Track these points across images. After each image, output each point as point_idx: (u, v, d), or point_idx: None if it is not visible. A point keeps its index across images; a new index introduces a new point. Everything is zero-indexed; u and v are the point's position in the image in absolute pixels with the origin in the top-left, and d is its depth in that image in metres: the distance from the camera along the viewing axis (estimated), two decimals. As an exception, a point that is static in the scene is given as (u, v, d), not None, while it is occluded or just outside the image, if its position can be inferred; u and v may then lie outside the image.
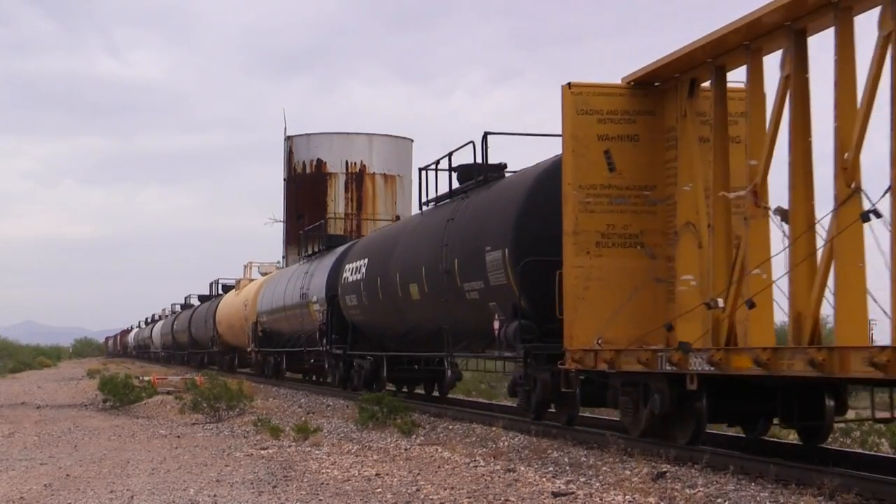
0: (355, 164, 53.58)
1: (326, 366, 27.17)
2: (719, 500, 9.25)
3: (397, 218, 48.62)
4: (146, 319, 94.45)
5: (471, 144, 18.81)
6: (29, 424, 19.65)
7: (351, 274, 24.54)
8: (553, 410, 15.36)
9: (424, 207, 21.66)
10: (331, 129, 55.41)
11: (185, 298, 65.77)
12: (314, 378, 34.31)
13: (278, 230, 57.12)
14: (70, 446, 15.45)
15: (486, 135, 18.42)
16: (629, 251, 13.49)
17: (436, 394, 24.18)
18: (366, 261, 23.54)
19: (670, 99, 13.44)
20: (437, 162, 20.98)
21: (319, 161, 53.95)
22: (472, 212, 17.80)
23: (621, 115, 13.56)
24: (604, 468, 11.36)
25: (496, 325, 15.98)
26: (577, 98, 13.47)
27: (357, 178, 53.40)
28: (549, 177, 15.21)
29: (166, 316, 74.00)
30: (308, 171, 54.21)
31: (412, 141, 57.15)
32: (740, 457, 11.19)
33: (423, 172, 21.42)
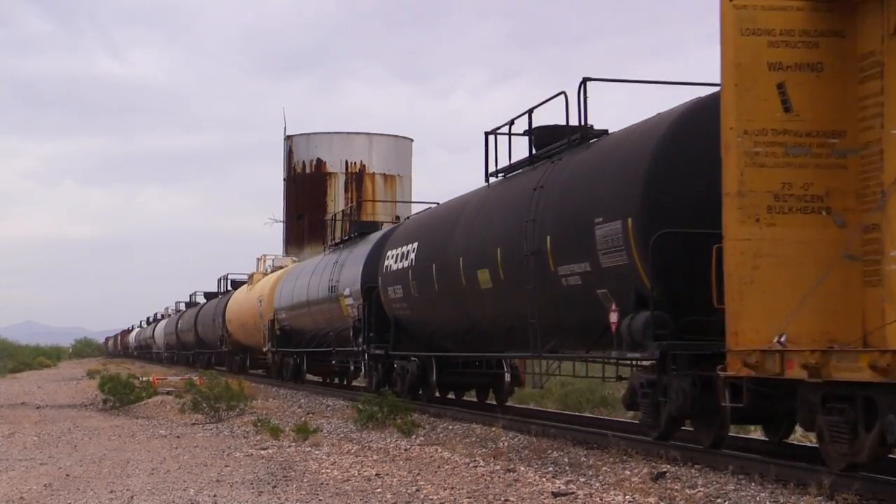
0: (355, 163, 53.64)
1: (362, 368, 23.87)
2: (719, 500, 9.25)
3: (397, 219, 48.59)
4: (147, 319, 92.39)
5: (562, 96, 15.19)
6: (29, 424, 19.65)
7: (395, 262, 21.00)
8: (690, 428, 12.51)
9: (493, 179, 18.02)
10: (331, 129, 55.52)
11: (191, 296, 62.71)
12: (341, 381, 32.07)
13: (278, 230, 57.21)
14: (70, 446, 15.45)
15: (584, 81, 14.65)
16: (811, 218, 10.35)
17: (492, 402, 21.22)
18: (415, 245, 20.07)
19: (869, 13, 10.21)
20: (512, 122, 17.20)
21: (319, 161, 54.00)
22: (571, 177, 14.26)
23: (800, 37, 10.49)
24: (604, 468, 11.36)
25: (613, 317, 12.63)
26: (741, 14, 10.43)
27: (357, 178, 53.45)
28: (690, 122, 12.15)
29: (169, 315, 71.11)
30: (308, 170, 54.27)
31: (412, 141, 57.22)
32: (740, 457, 11.17)
33: (492, 138, 17.82)
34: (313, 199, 53.36)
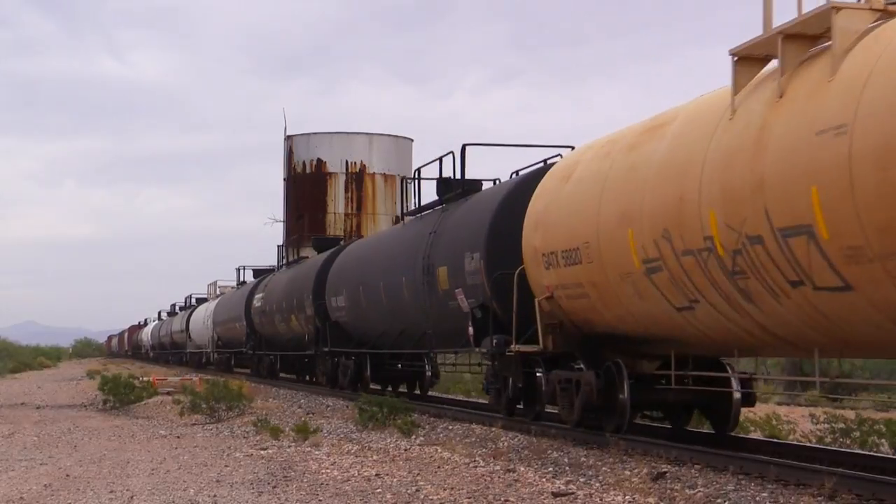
0: (355, 163, 53.59)
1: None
2: (719, 501, 9.25)
3: (397, 219, 48.58)
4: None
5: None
6: (29, 425, 19.65)
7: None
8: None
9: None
10: (331, 129, 55.48)
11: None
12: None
13: (278, 230, 57.20)
14: (70, 446, 15.45)
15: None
16: None
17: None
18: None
19: None
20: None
21: (319, 161, 53.96)
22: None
23: None
24: (604, 468, 11.35)
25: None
26: None
27: (357, 178, 53.42)
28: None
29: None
30: (308, 170, 54.22)
31: (412, 141, 57.18)
32: (740, 457, 11.18)
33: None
34: (313, 199, 53.31)
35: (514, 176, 17.93)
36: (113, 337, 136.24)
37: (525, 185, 16.00)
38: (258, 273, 44.57)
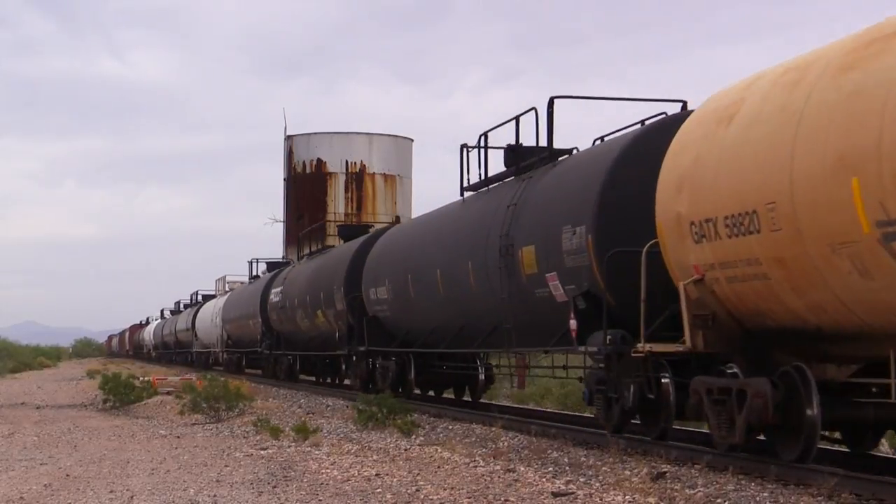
0: (355, 163, 53.62)
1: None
2: (719, 501, 9.25)
3: (398, 219, 48.59)
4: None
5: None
6: (29, 424, 19.65)
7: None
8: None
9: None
10: (331, 129, 55.52)
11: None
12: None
13: (278, 230, 57.21)
14: (70, 446, 15.45)
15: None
16: None
17: None
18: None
19: None
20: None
21: (319, 161, 54.00)
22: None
23: None
24: (604, 468, 11.36)
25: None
26: None
27: (357, 178, 53.44)
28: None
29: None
30: (308, 170, 54.26)
31: (412, 141, 57.22)
32: (740, 457, 11.17)
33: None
34: (313, 199, 53.35)
35: (597, 143, 15.30)
36: (113, 337, 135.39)
37: (646, 140, 13.02)
38: (273, 266, 41.78)
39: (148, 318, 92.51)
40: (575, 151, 15.83)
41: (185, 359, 58.83)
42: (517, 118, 16.87)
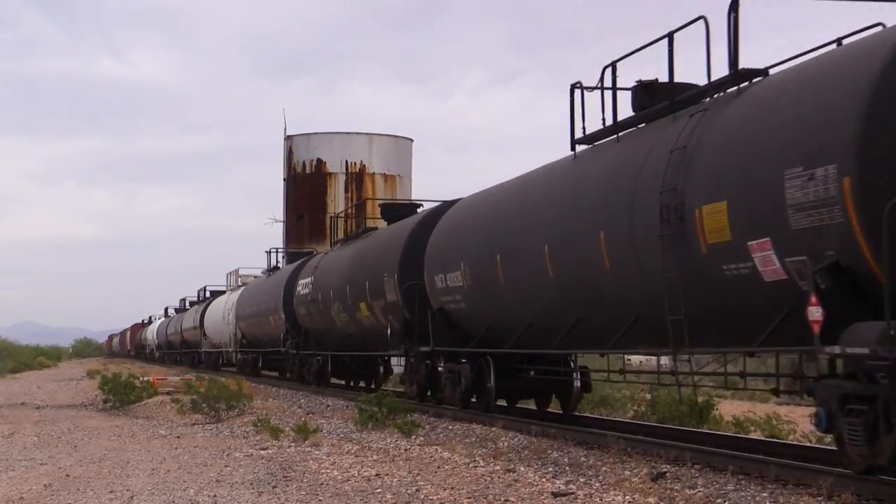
0: (355, 163, 53.66)
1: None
2: (719, 501, 9.25)
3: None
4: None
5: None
6: (29, 424, 19.66)
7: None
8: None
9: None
10: (331, 129, 55.56)
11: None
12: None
13: (278, 230, 57.22)
14: (70, 446, 15.45)
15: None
16: None
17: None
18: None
19: None
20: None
21: (319, 161, 54.04)
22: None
23: None
24: (604, 468, 11.36)
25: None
26: None
27: (357, 178, 53.46)
28: None
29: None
30: (308, 170, 54.30)
31: (412, 141, 57.25)
32: (740, 457, 11.18)
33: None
34: (313, 199, 53.39)
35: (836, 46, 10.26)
36: (114, 336, 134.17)
37: None
38: (296, 256, 37.36)
39: (150, 317, 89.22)
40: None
41: (193, 359, 55.06)
42: (670, 34, 12.18)
